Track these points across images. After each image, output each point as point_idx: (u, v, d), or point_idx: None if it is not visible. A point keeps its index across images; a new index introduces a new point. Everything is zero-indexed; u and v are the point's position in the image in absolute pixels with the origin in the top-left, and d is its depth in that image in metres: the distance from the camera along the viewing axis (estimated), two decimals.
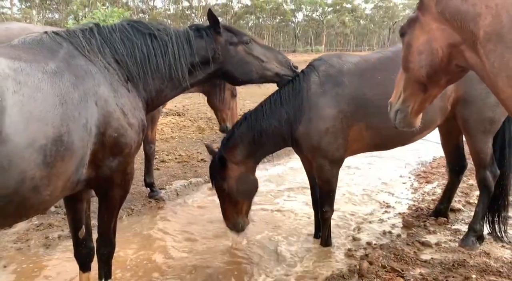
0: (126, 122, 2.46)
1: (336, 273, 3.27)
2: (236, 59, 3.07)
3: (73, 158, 2.14)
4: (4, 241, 3.86)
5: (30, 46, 2.24)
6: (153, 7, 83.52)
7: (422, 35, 1.92)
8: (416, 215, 4.37)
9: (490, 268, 3.21)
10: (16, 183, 1.88)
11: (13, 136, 1.81)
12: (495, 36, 1.59)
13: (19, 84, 1.88)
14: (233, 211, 3.66)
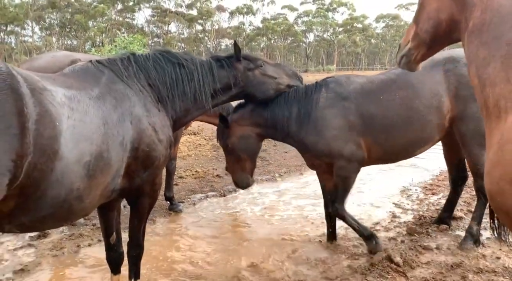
0: (156, 138, 2.84)
1: (341, 273, 3.55)
2: (255, 82, 3.57)
3: (110, 170, 2.53)
4: (41, 249, 4.26)
5: (78, 74, 2.68)
6: (167, 32, 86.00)
7: (435, 2, 2.03)
8: (419, 223, 4.64)
9: (486, 269, 3.46)
10: (65, 193, 2.24)
11: (66, 154, 2.18)
12: (477, 30, 1.80)
13: (72, 110, 2.28)
14: (237, 167, 4.14)
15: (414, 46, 2.23)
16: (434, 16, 2.04)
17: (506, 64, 1.65)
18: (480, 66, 1.76)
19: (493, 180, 1.63)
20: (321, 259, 3.91)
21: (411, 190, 6.17)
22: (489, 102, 1.70)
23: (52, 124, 2.09)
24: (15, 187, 1.93)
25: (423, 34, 2.12)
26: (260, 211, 5.49)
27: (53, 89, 2.23)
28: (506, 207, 1.59)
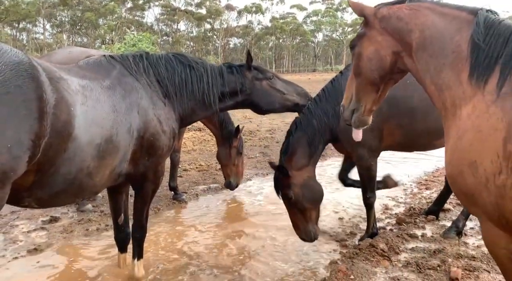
0: (160, 129, 3.13)
1: (332, 259, 3.80)
2: (261, 92, 3.69)
3: (118, 154, 2.82)
4: (53, 232, 4.58)
5: (91, 66, 2.98)
6: (176, 30, 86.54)
7: (371, 46, 2.28)
8: (409, 214, 4.87)
9: (466, 254, 3.69)
10: (77, 170, 2.55)
11: (79, 136, 2.47)
12: (422, 46, 2.10)
13: (85, 97, 2.58)
14: (302, 220, 3.75)
15: (361, 97, 2.39)
16: (375, 56, 2.27)
17: (456, 69, 1.94)
18: (434, 75, 2.05)
19: (454, 165, 1.89)
20: (313, 245, 4.17)
21: (406, 185, 6.39)
22: (447, 103, 1.98)
23: (67, 109, 2.38)
24: (33, 164, 2.22)
25: (370, 74, 2.30)
26: (259, 202, 5.75)
27: (68, 79, 2.53)
28: (466, 188, 1.84)
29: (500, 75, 1.78)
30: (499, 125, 1.71)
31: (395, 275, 3.42)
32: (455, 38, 1.98)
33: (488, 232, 1.86)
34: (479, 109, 1.80)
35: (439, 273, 3.40)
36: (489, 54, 1.84)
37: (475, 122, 1.80)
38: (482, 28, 1.89)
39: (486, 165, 1.72)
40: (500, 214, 1.72)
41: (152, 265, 3.77)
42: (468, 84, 1.89)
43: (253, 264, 3.81)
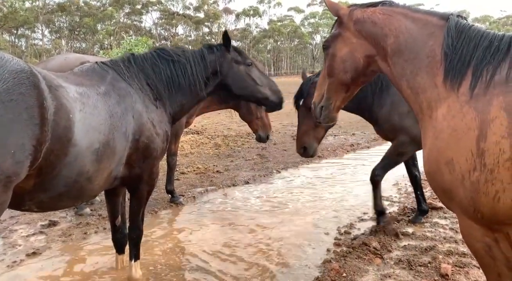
0: (154, 132, 3.23)
1: (325, 258, 3.87)
2: (236, 75, 3.64)
3: (115, 157, 2.90)
4: (51, 236, 4.65)
5: (86, 73, 3.08)
6: (175, 34, 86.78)
7: (345, 47, 2.33)
8: (403, 213, 4.95)
9: (456, 251, 3.76)
10: (77, 174, 2.62)
11: (78, 141, 2.56)
12: (397, 52, 2.17)
13: (83, 104, 2.67)
14: (310, 134, 4.29)
15: (331, 95, 2.48)
16: (349, 57, 2.34)
17: (431, 73, 2.03)
18: (410, 79, 2.13)
19: (431, 163, 1.97)
20: (308, 244, 4.24)
21: (401, 184, 6.46)
22: (423, 105, 2.07)
23: (67, 116, 2.47)
24: (34, 168, 2.30)
25: (343, 75, 2.38)
26: (256, 203, 5.82)
27: (67, 86, 2.63)
28: (443, 185, 1.92)
29: (472, 78, 1.87)
30: (472, 125, 1.79)
31: (387, 273, 3.49)
32: (428, 43, 2.06)
33: (464, 227, 1.94)
34: (454, 110, 1.88)
35: (430, 269, 3.47)
36: (462, 58, 1.93)
37: (450, 122, 1.88)
38: (453, 33, 1.98)
39: (461, 162, 1.80)
40: (475, 208, 1.80)
41: (150, 267, 3.84)
42: (443, 87, 1.97)
43: (248, 264, 3.87)
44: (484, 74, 1.85)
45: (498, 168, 1.70)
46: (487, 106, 1.78)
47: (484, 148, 1.74)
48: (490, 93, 1.80)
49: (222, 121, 15.43)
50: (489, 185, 1.73)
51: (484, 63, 1.87)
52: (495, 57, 1.86)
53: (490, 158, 1.72)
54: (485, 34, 1.97)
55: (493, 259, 1.86)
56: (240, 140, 11.19)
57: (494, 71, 1.83)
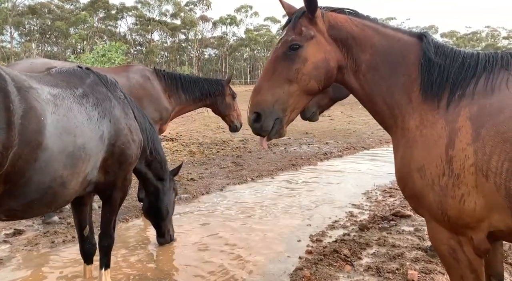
0: (131, 138, 3.25)
1: (297, 265, 3.91)
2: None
3: (90, 161, 2.85)
4: (16, 245, 4.48)
5: (64, 75, 3.03)
6: (150, 40, 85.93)
7: (319, 53, 2.13)
8: (373, 221, 5.06)
9: (423, 258, 3.89)
10: (50, 180, 2.53)
11: (50, 145, 2.47)
12: (373, 69, 2.18)
13: (56, 106, 2.58)
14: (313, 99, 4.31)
15: (290, 105, 2.14)
16: (324, 66, 2.14)
17: (406, 89, 2.12)
18: (386, 96, 2.17)
19: (404, 171, 2.07)
20: (280, 251, 4.28)
21: (372, 193, 6.62)
22: (399, 120, 2.14)
23: (37, 119, 2.38)
24: (1, 174, 2.22)
25: (313, 83, 2.14)
26: (230, 211, 5.81)
27: (39, 88, 2.54)
28: (414, 190, 2.02)
29: (450, 92, 2.00)
30: (442, 133, 1.93)
31: (357, 279, 3.56)
32: (404, 61, 2.14)
33: (432, 230, 2.04)
34: (427, 121, 2.01)
35: (397, 276, 3.57)
36: (441, 73, 2.05)
37: (423, 131, 2.01)
38: (432, 49, 2.10)
39: (432, 168, 1.93)
40: (443, 211, 1.92)
41: (120, 276, 3.76)
42: (417, 101, 2.08)
43: (220, 272, 3.86)
44: (458, 88, 1.99)
45: (464, 173, 1.84)
46: (456, 116, 1.93)
47: (452, 154, 1.88)
48: (459, 105, 1.95)
49: (197, 128, 15.36)
50: (456, 189, 1.86)
51: (459, 78, 2.02)
52: (467, 73, 2.02)
53: (457, 163, 1.86)
54: (457, 51, 2.12)
55: (457, 261, 1.97)
56: (215, 147, 11.17)
57: (465, 86, 1.99)
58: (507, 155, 1.76)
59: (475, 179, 1.83)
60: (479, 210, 1.85)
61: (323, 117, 17.52)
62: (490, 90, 1.94)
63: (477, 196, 1.84)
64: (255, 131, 2.20)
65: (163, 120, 5.79)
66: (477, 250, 1.94)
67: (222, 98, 6.45)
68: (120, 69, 5.94)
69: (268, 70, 2.19)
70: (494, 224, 1.86)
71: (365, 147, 11.35)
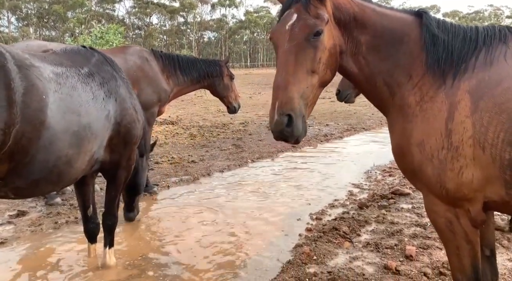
0: (136, 118, 3.29)
1: (297, 242, 3.97)
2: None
3: (96, 140, 2.87)
4: (20, 226, 4.55)
5: (69, 54, 3.03)
6: (149, 23, 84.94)
7: (330, 39, 2.00)
8: (372, 199, 5.11)
9: (421, 234, 3.94)
10: (55, 158, 2.55)
11: (53, 124, 2.47)
12: (373, 50, 2.13)
13: (59, 85, 2.58)
14: None
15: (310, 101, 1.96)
16: (334, 52, 2.03)
17: (407, 68, 2.11)
18: (386, 77, 2.14)
19: (403, 145, 2.08)
20: (281, 230, 4.33)
21: (371, 173, 6.66)
22: (397, 98, 2.12)
23: (39, 97, 2.37)
24: (4, 152, 2.23)
25: (329, 74, 2.02)
26: (231, 192, 5.86)
27: (41, 66, 2.53)
28: (413, 165, 2.03)
29: (455, 66, 1.99)
30: (442, 107, 1.95)
31: (355, 255, 3.62)
32: (405, 39, 2.11)
33: (429, 203, 2.07)
34: (427, 96, 2.01)
35: (396, 251, 3.63)
36: (446, 48, 2.04)
37: (423, 106, 2.02)
38: (434, 25, 2.08)
39: (431, 142, 1.95)
40: (441, 184, 1.94)
41: (123, 256, 3.83)
42: (419, 78, 2.06)
43: (222, 249, 3.92)
44: (462, 62, 1.99)
45: (462, 146, 1.86)
46: (456, 90, 1.94)
47: (451, 128, 1.89)
48: (460, 79, 1.96)
49: (197, 111, 15.34)
50: (455, 161, 1.88)
51: (463, 52, 2.01)
52: (470, 47, 2.02)
53: (455, 136, 1.88)
54: (456, 26, 2.11)
55: (453, 233, 2.00)
56: (215, 130, 11.18)
57: (468, 59, 1.99)
58: (503, 125, 1.77)
59: (473, 151, 1.85)
60: (476, 182, 1.88)
61: (323, 99, 17.46)
62: (489, 63, 1.95)
63: (475, 168, 1.86)
64: (283, 136, 1.87)
65: (162, 102, 5.77)
66: (474, 221, 1.97)
67: (220, 79, 6.40)
68: (117, 50, 5.89)
69: (289, 60, 1.91)
70: (488, 195, 1.89)
71: (365, 128, 11.35)
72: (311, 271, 3.35)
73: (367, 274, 3.27)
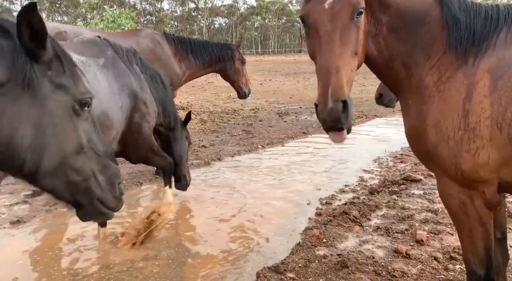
0: (146, 112, 3.50)
1: (307, 226, 3.99)
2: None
3: (112, 129, 3.10)
4: (36, 205, 4.65)
5: (86, 44, 3.24)
6: (160, 9, 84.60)
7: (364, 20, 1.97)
8: (383, 185, 5.09)
9: (432, 219, 3.92)
10: None
11: None
12: (393, 31, 2.09)
13: (85, 71, 2.77)
14: None
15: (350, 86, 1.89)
16: (364, 34, 2.00)
17: (426, 48, 2.06)
18: (405, 58, 2.09)
19: (417, 127, 2.05)
20: (292, 213, 4.36)
21: (383, 159, 6.61)
22: (414, 79, 2.08)
23: None
24: None
25: (361, 56, 2.00)
26: (242, 176, 5.89)
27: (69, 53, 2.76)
28: (427, 146, 2.01)
29: (477, 46, 1.94)
30: (460, 87, 1.91)
31: (366, 239, 3.62)
32: (426, 19, 2.05)
33: (443, 186, 2.05)
34: (445, 76, 1.97)
35: (406, 236, 3.62)
36: (468, 27, 1.99)
37: (440, 87, 1.98)
38: (455, 3, 2.03)
39: (448, 123, 1.91)
40: (457, 166, 1.91)
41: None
42: (438, 58, 2.01)
43: (233, 232, 3.96)
44: (484, 42, 1.95)
45: (480, 126, 1.83)
46: (475, 69, 1.90)
47: (468, 108, 1.86)
48: (481, 58, 1.92)
49: (208, 97, 15.35)
50: (471, 142, 1.86)
51: (484, 31, 1.97)
52: (491, 26, 1.97)
53: (473, 117, 1.85)
54: (477, 4, 2.06)
55: (467, 215, 1.99)
56: (226, 116, 11.19)
57: (489, 38, 1.95)
58: None
59: (490, 132, 1.83)
60: (492, 163, 1.85)
61: None
62: (509, 42, 1.91)
63: (491, 149, 1.84)
64: (340, 123, 1.76)
65: (174, 86, 5.79)
66: (488, 203, 1.96)
67: (231, 63, 6.39)
68: (130, 33, 5.90)
69: (335, 41, 1.81)
70: (503, 176, 1.87)
71: (377, 116, 11.23)
72: (321, 253, 3.37)
73: (377, 257, 3.28)
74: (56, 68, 1.50)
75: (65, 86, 1.52)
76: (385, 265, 3.16)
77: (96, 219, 1.74)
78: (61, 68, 1.52)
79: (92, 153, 1.61)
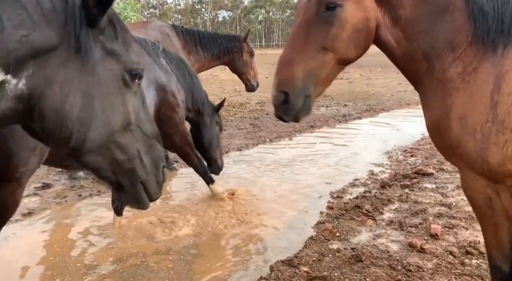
0: (175, 103, 3.68)
1: (319, 220, 3.96)
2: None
3: None
4: (46, 197, 4.65)
5: None
6: (164, 2, 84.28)
7: (360, 12, 1.89)
8: (394, 179, 5.04)
9: (446, 214, 3.88)
10: None
11: None
12: (411, 23, 2.01)
13: None
14: None
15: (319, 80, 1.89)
16: (364, 27, 1.91)
17: (449, 39, 1.98)
18: (426, 49, 2.01)
19: (441, 120, 1.98)
20: (303, 207, 4.33)
21: (392, 153, 6.56)
22: (436, 71, 2.01)
23: None
24: None
25: (352, 51, 1.92)
26: (249, 169, 5.87)
27: None
28: (451, 140, 1.95)
29: (506, 36, 1.87)
30: (488, 78, 1.84)
31: (379, 233, 3.59)
32: (449, 8, 1.97)
33: (467, 180, 1.99)
34: (471, 67, 1.89)
35: (420, 230, 3.59)
36: (495, 17, 1.91)
37: (466, 78, 1.90)
38: None
39: (475, 116, 1.85)
40: (484, 159, 1.85)
41: (168, 219, 4.03)
42: (463, 48, 1.94)
43: (246, 225, 3.94)
44: None
45: (509, 118, 1.77)
46: (504, 60, 1.83)
47: (497, 99, 1.79)
48: (509, 48, 1.85)
49: (213, 91, 15.27)
50: (500, 135, 1.79)
51: None
52: None
53: (502, 108, 1.78)
54: None
55: (492, 210, 1.93)
56: (232, 110, 11.15)
57: None
58: None
59: None
60: None
61: (341, 79, 17.18)
62: None
63: None
64: (279, 113, 1.92)
65: None
66: None
67: (239, 55, 6.33)
68: (138, 25, 5.85)
69: (297, 37, 1.86)
70: None
71: (385, 109, 11.15)
72: (334, 247, 3.34)
73: (391, 251, 3.25)
74: (109, 33, 1.40)
75: (117, 53, 1.41)
76: (400, 259, 3.12)
77: (132, 205, 1.64)
78: (113, 33, 1.41)
79: (139, 131, 1.50)
